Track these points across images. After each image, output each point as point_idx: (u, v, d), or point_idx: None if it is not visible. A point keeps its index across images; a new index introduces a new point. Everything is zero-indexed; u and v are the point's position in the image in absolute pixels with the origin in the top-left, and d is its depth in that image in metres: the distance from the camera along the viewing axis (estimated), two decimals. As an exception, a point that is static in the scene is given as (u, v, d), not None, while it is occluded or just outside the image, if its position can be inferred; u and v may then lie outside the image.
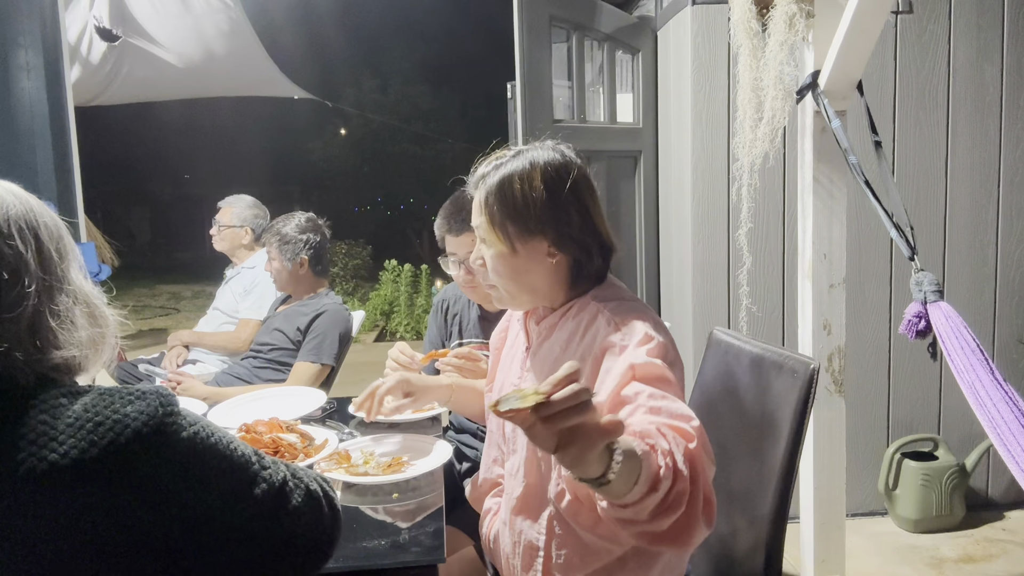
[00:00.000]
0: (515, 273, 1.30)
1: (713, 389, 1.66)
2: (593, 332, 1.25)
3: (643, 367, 1.13)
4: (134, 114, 6.70)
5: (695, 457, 0.97)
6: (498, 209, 1.27)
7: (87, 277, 0.95)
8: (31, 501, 0.76)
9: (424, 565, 1.15)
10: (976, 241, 2.90)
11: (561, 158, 1.30)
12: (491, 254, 1.31)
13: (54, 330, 0.85)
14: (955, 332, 1.60)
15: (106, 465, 0.77)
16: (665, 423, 1.01)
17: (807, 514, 2.15)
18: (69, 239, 0.94)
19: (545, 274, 1.30)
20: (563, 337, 1.31)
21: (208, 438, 0.85)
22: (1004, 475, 2.94)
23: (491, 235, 1.29)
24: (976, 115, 2.85)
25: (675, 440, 0.97)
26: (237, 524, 0.87)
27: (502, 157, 1.32)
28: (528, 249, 1.28)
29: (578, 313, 1.30)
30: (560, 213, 1.27)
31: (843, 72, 1.94)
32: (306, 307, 2.71)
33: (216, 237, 3.43)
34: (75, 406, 0.81)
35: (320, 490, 0.98)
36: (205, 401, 2.17)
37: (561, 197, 1.27)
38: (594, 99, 3.33)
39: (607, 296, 1.30)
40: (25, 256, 0.85)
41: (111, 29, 4.46)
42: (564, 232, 1.27)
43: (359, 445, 1.63)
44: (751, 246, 2.45)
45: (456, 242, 1.92)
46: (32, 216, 0.88)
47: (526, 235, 1.27)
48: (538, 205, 1.26)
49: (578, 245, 1.29)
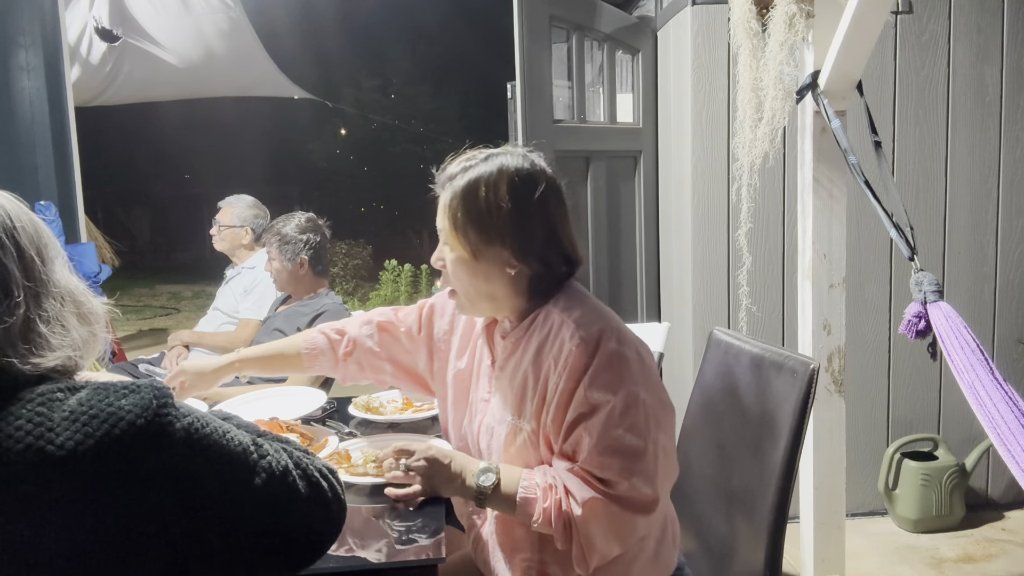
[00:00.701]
0: (474, 279, 1.28)
1: (713, 389, 1.66)
2: (560, 343, 1.24)
3: (595, 401, 1.19)
4: (134, 114, 6.70)
5: (573, 521, 1.18)
6: (461, 214, 1.25)
7: (71, 270, 0.94)
8: (27, 494, 0.77)
9: (424, 565, 1.15)
10: (976, 241, 2.90)
11: (531, 167, 1.28)
12: (452, 258, 1.29)
13: (45, 335, 0.86)
14: (955, 332, 1.60)
15: (101, 457, 0.78)
16: (575, 484, 1.19)
17: (807, 514, 2.15)
18: (49, 236, 0.92)
19: (504, 284, 1.28)
20: (531, 350, 1.29)
21: (203, 428, 0.85)
22: (1004, 475, 2.94)
23: (453, 239, 1.27)
24: (976, 115, 2.85)
25: (561, 502, 1.19)
26: (236, 515, 0.87)
27: (472, 159, 1.29)
28: (488, 257, 1.26)
29: (543, 324, 1.29)
30: (523, 225, 1.25)
31: (843, 72, 1.94)
32: (306, 307, 2.71)
33: (216, 237, 3.43)
34: (71, 400, 0.81)
35: (322, 477, 0.98)
36: (205, 401, 2.17)
37: (526, 209, 1.25)
38: (594, 99, 3.33)
39: (570, 305, 1.28)
40: (7, 266, 0.85)
41: (111, 29, 4.46)
42: (526, 245, 1.25)
43: (359, 445, 1.63)
44: (751, 246, 2.45)
45: None
46: (8, 222, 0.87)
47: (487, 243, 1.25)
48: (502, 215, 1.24)
49: (539, 258, 1.27)
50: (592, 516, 1.18)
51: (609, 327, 1.23)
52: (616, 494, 1.18)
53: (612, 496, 1.18)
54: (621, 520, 1.19)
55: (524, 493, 1.22)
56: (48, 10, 2.65)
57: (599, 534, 1.19)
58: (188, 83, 5.24)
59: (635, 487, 1.18)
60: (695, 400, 1.71)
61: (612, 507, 1.17)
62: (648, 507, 1.20)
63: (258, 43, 5.10)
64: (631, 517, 1.19)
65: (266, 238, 2.74)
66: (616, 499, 1.18)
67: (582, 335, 1.21)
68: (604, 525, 1.18)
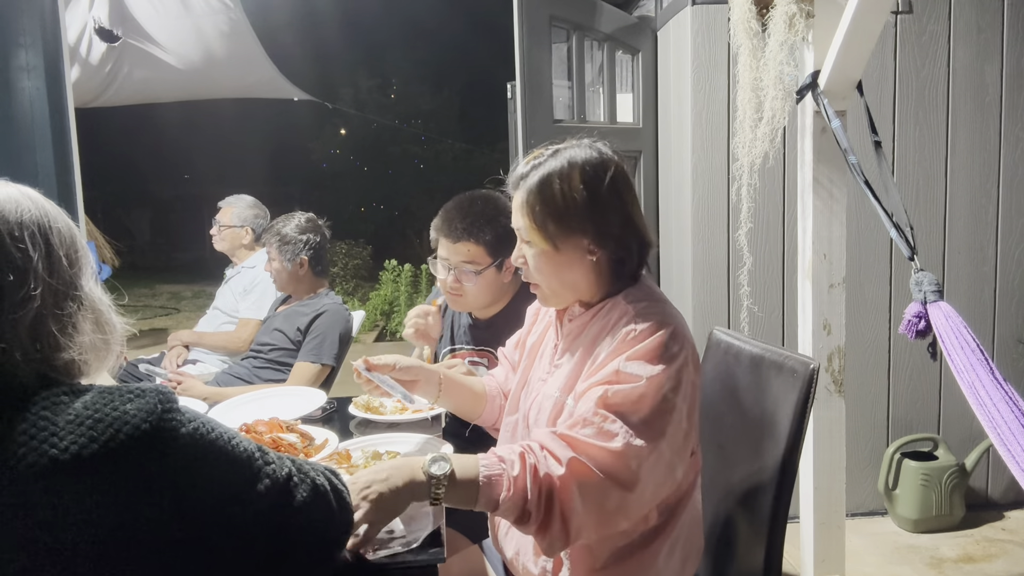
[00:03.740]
0: (557, 270, 1.32)
1: (713, 389, 1.66)
2: (617, 330, 1.27)
3: (623, 378, 1.19)
4: (134, 115, 6.70)
5: (552, 485, 1.14)
6: (539, 209, 1.29)
7: (99, 285, 0.95)
8: (31, 496, 0.77)
9: (424, 565, 1.15)
10: (976, 241, 2.90)
11: (598, 156, 1.32)
12: (533, 253, 1.33)
13: (54, 334, 0.86)
14: (955, 332, 1.60)
15: (105, 461, 0.78)
16: (557, 445, 1.17)
17: (807, 514, 2.15)
18: (84, 247, 0.94)
19: (586, 271, 1.32)
20: (591, 336, 1.32)
21: (208, 434, 0.86)
22: (1004, 475, 2.94)
23: (533, 235, 1.31)
24: (976, 115, 2.85)
25: (538, 465, 1.15)
26: (240, 521, 0.87)
27: (540, 156, 1.34)
28: (569, 247, 1.30)
29: (608, 313, 1.32)
30: (599, 211, 1.29)
31: (843, 72, 1.94)
32: (306, 307, 2.71)
33: (216, 237, 3.43)
34: (76, 404, 0.82)
35: (328, 484, 0.98)
36: (205, 401, 2.17)
37: (600, 195, 1.29)
38: (594, 99, 3.33)
39: (638, 297, 1.31)
40: (33, 260, 0.86)
41: (111, 30, 4.46)
42: (603, 230, 1.30)
43: (359, 445, 1.63)
44: (751, 246, 2.45)
45: (451, 248, 1.87)
46: (46, 221, 0.90)
47: (567, 233, 1.29)
48: (578, 204, 1.28)
49: (617, 242, 1.31)
50: (572, 476, 1.14)
51: (668, 323, 1.24)
52: (604, 450, 1.15)
53: (598, 454, 1.15)
54: (596, 485, 1.15)
55: (487, 470, 1.16)
56: (48, 10, 2.65)
57: (577, 498, 1.14)
58: (188, 84, 5.24)
59: (625, 453, 1.15)
60: (695, 400, 1.70)
61: (591, 471, 1.14)
62: (625, 482, 1.16)
63: (258, 44, 5.10)
64: (606, 485, 1.15)
65: (266, 238, 2.74)
66: (600, 457, 1.15)
67: (638, 325, 1.23)
68: (581, 487, 1.14)
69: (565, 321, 1.41)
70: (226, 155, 16.68)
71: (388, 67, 18.15)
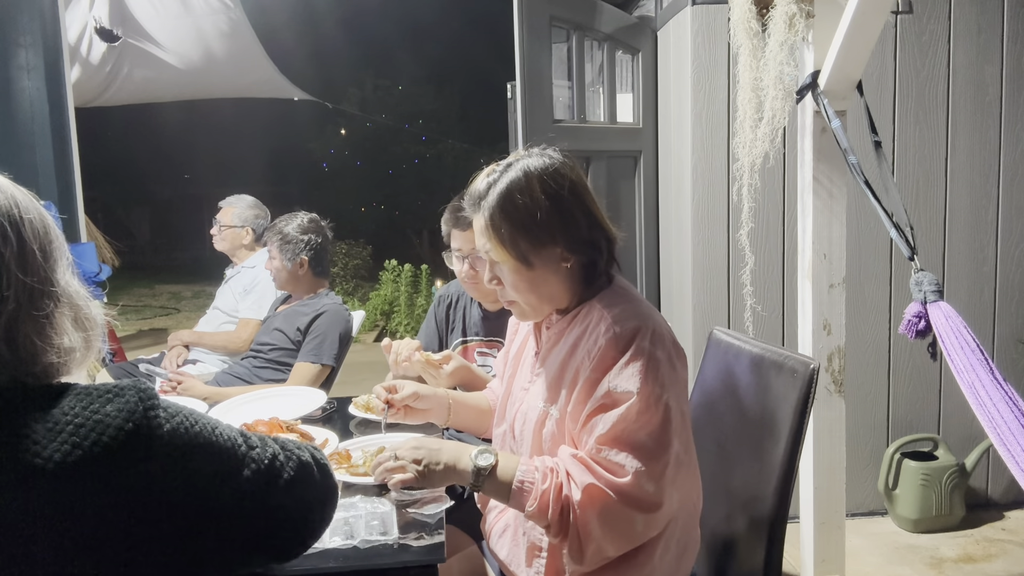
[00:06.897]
0: (534, 286, 1.30)
1: (713, 389, 1.66)
2: (595, 337, 1.25)
3: (617, 398, 1.20)
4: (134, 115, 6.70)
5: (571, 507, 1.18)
6: (506, 228, 1.26)
7: (75, 275, 0.90)
8: (19, 505, 0.75)
9: (424, 565, 1.15)
10: (976, 241, 2.90)
11: (552, 161, 1.30)
12: (506, 271, 1.31)
13: (31, 338, 0.82)
14: (955, 332, 1.59)
15: (90, 466, 0.76)
16: (577, 469, 1.19)
17: (807, 514, 2.15)
18: (57, 235, 0.88)
19: (561, 279, 1.31)
20: (570, 343, 1.31)
21: (192, 427, 0.85)
22: (1004, 475, 2.94)
23: (503, 254, 1.28)
24: (976, 115, 2.85)
25: (563, 485, 1.19)
26: (228, 508, 0.87)
27: (493, 172, 1.31)
28: (542, 260, 1.28)
29: (585, 318, 1.31)
30: (566, 217, 1.27)
31: (843, 72, 1.94)
32: (306, 307, 2.71)
33: (217, 237, 3.43)
34: (54, 409, 0.79)
35: (311, 458, 0.98)
36: (205, 401, 2.18)
37: (563, 201, 1.27)
38: (594, 99, 3.33)
39: (613, 301, 1.29)
40: (4, 257, 0.81)
41: (111, 29, 4.46)
42: (574, 235, 1.28)
43: (359, 445, 1.63)
44: (751, 246, 2.45)
45: (462, 237, 1.93)
46: (16, 212, 0.83)
47: (538, 247, 1.27)
48: (544, 214, 1.26)
49: (588, 244, 1.29)
50: (590, 502, 1.17)
51: (645, 326, 1.23)
52: (617, 484, 1.17)
53: (612, 486, 1.16)
54: (619, 514, 1.18)
55: (522, 476, 1.21)
56: (48, 10, 2.65)
57: (596, 523, 1.17)
58: (188, 84, 5.24)
59: (638, 483, 1.16)
60: (695, 400, 1.70)
61: (610, 497, 1.16)
62: (648, 506, 1.18)
63: (258, 44, 5.10)
64: (629, 512, 1.18)
65: (268, 236, 2.74)
66: (616, 489, 1.16)
67: (616, 330, 1.22)
68: (601, 514, 1.17)
69: (543, 328, 1.40)
70: (226, 155, 16.68)
71: (388, 67, 18.15)
